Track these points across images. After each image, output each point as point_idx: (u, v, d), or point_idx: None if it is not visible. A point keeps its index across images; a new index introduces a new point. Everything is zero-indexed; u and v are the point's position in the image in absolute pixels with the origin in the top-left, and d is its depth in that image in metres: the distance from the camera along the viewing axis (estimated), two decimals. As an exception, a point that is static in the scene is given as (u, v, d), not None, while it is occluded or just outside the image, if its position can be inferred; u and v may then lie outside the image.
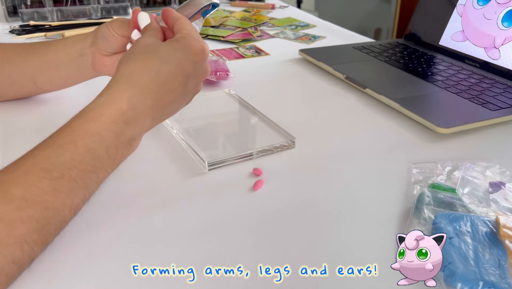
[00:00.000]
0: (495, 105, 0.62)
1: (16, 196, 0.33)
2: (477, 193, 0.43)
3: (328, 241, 0.39)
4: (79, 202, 0.38)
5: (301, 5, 2.65)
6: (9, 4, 1.03)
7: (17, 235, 0.32)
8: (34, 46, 0.57)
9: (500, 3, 0.74)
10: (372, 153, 0.53)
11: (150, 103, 0.41)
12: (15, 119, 0.58)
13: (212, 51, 0.90)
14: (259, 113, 0.60)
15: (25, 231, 0.33)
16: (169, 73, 0.42)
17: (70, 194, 0.36)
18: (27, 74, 0.57)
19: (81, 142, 0.37)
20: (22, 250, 0.33)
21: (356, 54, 0.84)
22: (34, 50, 0.57)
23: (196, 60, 0.43)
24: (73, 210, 0.37)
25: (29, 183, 0.34)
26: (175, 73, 0.42)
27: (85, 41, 0.54)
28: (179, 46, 0.43)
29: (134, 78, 0.41)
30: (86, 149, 0.37)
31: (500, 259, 0.35)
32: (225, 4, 1.34)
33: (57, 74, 0.58)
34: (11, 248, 0.32)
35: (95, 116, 0.38)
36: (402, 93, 0.67)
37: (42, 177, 0.35)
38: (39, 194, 0.34)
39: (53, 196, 0.35)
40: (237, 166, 0.49)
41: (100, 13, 1.11)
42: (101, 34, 0.52)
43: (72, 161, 0.36)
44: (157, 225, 0.40)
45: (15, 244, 0.32)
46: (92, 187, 0.39)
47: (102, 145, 0.38)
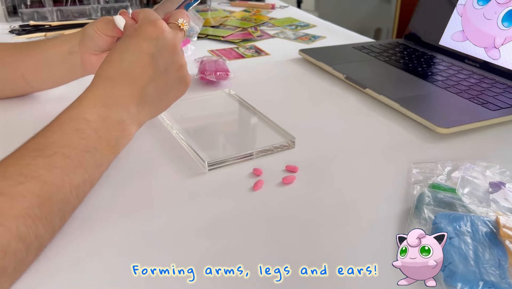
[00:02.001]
0: (495, 105, 0.62)
1: (13, 173, 0.35)
2: (477, 193, 0.43)
3: (328, 241, 0.39)
4: (79, 182, 0.38)
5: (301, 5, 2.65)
6: (9, 4, 1.03)
7: (19, 208, 0.33)
8: (25, 46, 0.58)
9: (500, 3, 0.74)
10: (372, 153, 0.53)
11: (125, 88, 0.43)
12: (15, 119, 0.59)
13: (212, 51, 0.90)
14: (259, 113, 0.60)
15: (27, 205, 0.34)
16: (132, 57, 0.43)
17: (67, 171, 0.37)
18: (19, 74, 0.58)
19: (67, 125, 0.40)
20: (26, 226, 0.33)
21: (356, 54, 0.84)
22: (24, 51, 0.57)
23: (152, 37, 0.44)
24: (74, 191, 0.38)
25: (24, 162, 0.36)
26: (137, 56, 0.43)
27: (73, 40, 0.55)
28: (134, 33, 0.45)
29: (103, 71, 0.44)
30: (73, 129, 0.39)
31: (500, 259, 0.35)
32: (225, 4, 1.34)
33: (49, 74, 0.59)
34: (14, 222, 0.32)
35: (75, 105, 0.41)
36: (402, 93, 0.67)
37: (35, 155, 0.36)
38: (35, 169, 0.35)
39: (49, 171, 0.36)
40: (237, 166, 0.49)
41: (100, 13, 1.11)
42: (88, 34, 0.53)
43: (62, 141, 0.38)
44: (157, 225, 0.40)
45: (18, 217, 0.33)
46: (91, 168, 0.40)
47: (88, 126, 0.40)
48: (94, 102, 0.41)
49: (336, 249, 0.38)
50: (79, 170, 0.38)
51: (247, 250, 0.38)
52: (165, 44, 0.45)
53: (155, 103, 0.46)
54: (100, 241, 0.38)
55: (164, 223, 0.41)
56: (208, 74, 0.70)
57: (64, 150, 0.38)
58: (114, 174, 0.47)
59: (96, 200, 0.43)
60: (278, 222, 0.41)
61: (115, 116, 0.42)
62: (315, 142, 0.55)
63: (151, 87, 0.45)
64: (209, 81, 0.71)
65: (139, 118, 0.45)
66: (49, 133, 0.39)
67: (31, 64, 0.57)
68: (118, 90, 0.43)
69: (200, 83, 0.72)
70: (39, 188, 0.35)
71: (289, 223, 0.41)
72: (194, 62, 0.77)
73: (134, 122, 0.44)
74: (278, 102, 0.66)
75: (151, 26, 0.44)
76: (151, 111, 0.47)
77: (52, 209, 0.36)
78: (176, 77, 0.47)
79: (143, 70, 0.44)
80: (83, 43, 0.54)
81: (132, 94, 0.44)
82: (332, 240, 0.39)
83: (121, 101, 0.43)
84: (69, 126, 0.40)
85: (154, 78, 0.45)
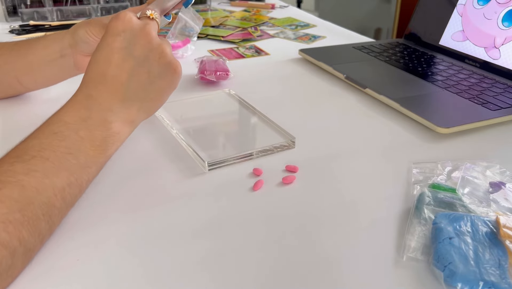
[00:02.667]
0: (495, 105, 0.62)
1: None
2: (477, 193, 0.43)
3: (328, 241, 0.39)
4: (64, 184, 0.37)
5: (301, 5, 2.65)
6: (9, 4, 1.03)
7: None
8: (16, 47, 0.57)
9: (500, 3, 0.74)
10: (372, 153, 0.53)
11: (104, 88, 0.42)
12: (14, 118, 0.59)
13: (212, 51, 0.90)
14: (259, 113, 0.60)
15: (5, 210, 0.33)
16: (104, 56, 0.42)
17: (48, 173, 0.36)
18: (12, 74, 0.58)
19: (46, 129, 0.39)
20: (8, 232, 0.32)
21: (356, 54, 0.84)
22: (16, 52, 0.57)
23: (119, 31, 0.42)
24: (59, 194, 0.37)
25: (2, 169, 0.35)
26: (108, 54, 0.42)
27: (63, 41, 0.54)
28: (104, 33, 0.44)
29: (84, 78, 0.43)
30: (52, 133, 0.39)
31: (500, 259, 0.35)
32: (225, 4, 1.34)
33: (41, 74, 0.58)
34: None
35: (55, 113, 0.41)
36: (402, 93, 0.67)
37: (13, 161, 0.36)
38: (12, 174, 0.35)
39: (28, 175, 0.35)
40: (237, 166, 0.49)
41: (100, 13, 1.11)
42: (81, 38, 0.52)
43: (41, 144, 0.38)
44: (157, 224, 0.40)
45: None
46: (76, 170, 0.39)
47: (67, 127, 0.39)
48: (73, 106, 0.41)
49: (336, 249, 0.38)
50: (61, 172, 0.37)
51: (247, 250, 0.38)
52: (135, 34, 0.43)
53: (144, 96, 0.44)
54: (100, 241, 0.38)
55: (164, 223, 0.41)
56: (208, 74, 0.70)
57: (43, 153, 0.37)
58: (114, 173, 0.47)
59: (96, 200, 0.43)
60: (278, 222, 0.41)
61: (97, 116, 0.41)
62: (315, 142, 0.55)
63: (133, 80, 0.43)
64: (209, 81, 0.71)
65: (129, 115, 0.44)
66: (29, 139, 0.38)
67: (23, 66, 0.57)
68: (97, 91, 0.42)
69: (200, 83, 0.72)
70: (18, 193, 0.34)
71: (289, 223, 0.41)
72: (194, 62, 0.77)
73: (122, 120, 0.43)
74: (278, 102, 0.66)
75: (115, 20, 0.43)
76: (143, 106, 0.45)
77: (35, 213, 0.35)
78: (159, 65, 0.44)
79: (118, 65, 0.42)
80: (75, 46, 0.54)
81: (112, 92, 0.42)
82: (332, 240, 0.39)
83: (101, 102, 0.42)
84: (48, 130, 0.39)
85: (133, 71, 0.43)
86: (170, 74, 0.45)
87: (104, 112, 0.42)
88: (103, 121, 0.41)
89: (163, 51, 0.44)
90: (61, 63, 0.56)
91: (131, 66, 0.43)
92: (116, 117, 0.43)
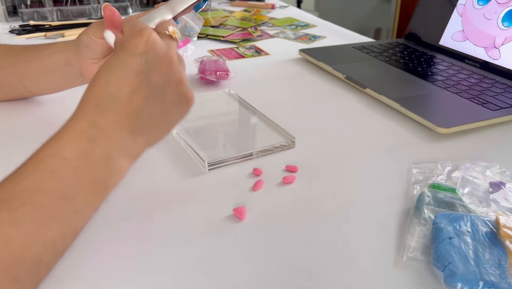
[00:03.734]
0: (495, 105, 0.62)
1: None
2: (477, 193, 0.43)
3: (328, 241, 0.39)
4: (56, 237, 0.32)
5: (301, 5, 2.65)
6: (9, 4, 1.03)
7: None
8: (24, 51, 0.57)
9: (500, 3, 0.74)
10: (372, 153, 0.53)
11: (114, 116, 0.36)
12: (15, 120, 0.59)
13: (212, 51, 0.90)
14: (259, 113, 0.60)
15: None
16: (119, 78, 0.36)
17: (39, 225, 0.31)
18: (17, 78, 0.57)
19: (42, 166, 0.33)
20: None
21: (356, 54, 0.84)
22: (23, 56, 0.56)
23: (141, 51, 0.36)
24: (50, 248, 0.32)
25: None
26: (124, 76, 0.36)
27: (68, 50, 0.53)
28: (120, 48, 0.37)
29: (87, 97, 0.37)
30: (48, 171, 0.33)
31: (500, 259, 0.35)
32: (225, 4, 1.34)
33: (46, 81, 0.58)
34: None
35: (53, 140, 0.35)
36: (402, 93, 0.67)
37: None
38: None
39: (14, 228, 0.30)
40: (237, 166, 0.49)
41: (100, 13, 1.11)
42: (83, 43, 0.50)
43: (34, 186, 0.32)
44: (156, 225, 0.40)
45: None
46: (70, 218, 0.34)
47: (66, 165, 0.34)
48: (75, 136, 0.35)
49: (336, 249, 0.38)
50: (54, 222, 0.32)
51: (247, 250, 0.38)
52: (158, 57, 0.37)
53: (153, 129, 0.39)
54: (99, 241, 0.38)
55: (164, 223, 0.41)
56: (208, 74, 0.70)
57: (35, 198, 0.31)
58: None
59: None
60: (278, 222, 0.41)
61: (100, 150, 0.35)
62: (315, 142, 0.55)
63: (146, 110, 0.37)
64: (209, 81, 0.71)
65: (134, 150, 0.38)
66: (20, 178, 0.32)
67: (29, 71, 0.56)
68: (105, 118, 0.36)
69: (200, 83, 0.72)
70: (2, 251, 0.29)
71: (289, 223, 0.41)
72: (194, 62, 0.77)
73: (126, 156, 0.37)
74: (278, 102, 0.66)
75: (138, 38, 0.37)
76: (148, 139, 0.39)
77: (18, 274, 0.30)
78: (175, 95, 0.39)
79: (133, 91, 0.36)
80: (79, 53, 0.51)
81: (121, 121, 0.36)
82: (332, 240, 0.39)
83: (108, 132, 0.36)
84: (44, 167, 0.33)
85: (148, 100, 0.37)
86: (183, 105, 0.40)
87: (110, 147, 0.36)
88: (107, 158, 0.36)
89: (181, 79, 0.39)
90: (66, 71, 0.54)
91: (147, 94, 0.37)
92: (121, 153, 0.37)
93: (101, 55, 0.51)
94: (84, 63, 0.51)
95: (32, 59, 0.56)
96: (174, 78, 0.38)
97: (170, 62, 0.38)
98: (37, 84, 0.59)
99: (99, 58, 0.51)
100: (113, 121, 0.36)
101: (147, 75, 0.37)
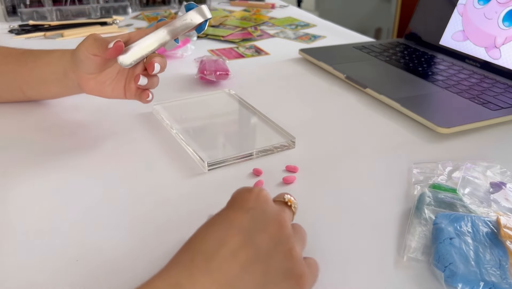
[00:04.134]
0: (496, 105, 0.62)
1: None
2: (478, 193, 0.43)
3: (328, 241, 0.39)
4: None
5: (301, 5, 2.65)
6: (8, 3, 1.03)
7: None
8: (23, 57, 0.57)
9: (500, 3, 0.74)
10: (372, 153, 0.53)
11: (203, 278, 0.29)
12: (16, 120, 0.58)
13: (212, 50, 0.90)
14: (259, 113, 0.60)
15: None
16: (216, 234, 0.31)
17: None
18: (16, 84, 0.58)
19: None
20: None
21: (356, 54, 0.84)
22: (23, 63, 0.56)
23: (248, 206, 0.32)
24: None
25: None
26: (225, 230, 0.31)
27: (66, 61, 0.53)
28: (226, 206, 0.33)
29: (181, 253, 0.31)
30: None
31: (501, 259, 0.35)
32: (225, 4, 1.33)
33: (46, 90, 0.58)
34: None
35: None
36: (403, 93, 0.67)
37: None
38: None
39: None
40: (237, 166, 0.49)
41: (99, 12, 1.11)
42: (78, 58, 0.49)
43: None
44: (157, 225, 0.40)
45: None
46: None
47: None
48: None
49: (336, 249, 0.38)
50: None
51: (247, 251, 0.38)
52: (266, 216, 0.31)
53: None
54: (100, 241, 0.38)
55: (164, 223, 0.40)
56: (208, 74, 0.70)
57: None
58: (114, 174, 0.47)
59: (95, 200, 0.43)
60: (278, 222, 0.41)
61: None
62: (315, 142, 0.55)
63: (243, 279, 0.29)
64: (209, 81, 0.71)
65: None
66: None
67: (28, 80, 0.57)
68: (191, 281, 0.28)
69: (200, 83, 0.71)
70: None
71: (289, 223, 0.41)
72: (194, 62, 0.77)
73: None
74: (278, 102, 0.66)
75: (247, 193, 0.33)
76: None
77: None
78: (281, 267, 0.30)
79: (233, 252, 0.30)
80: (75, 68, 0.51)
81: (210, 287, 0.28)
82: (332, 240, 0.39)
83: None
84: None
85: (249, 266, 0.30)
86: (290, 285, 0.31)
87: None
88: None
89: (292, 249, 0.31)
90: (65, 82, 0.55)
91: (248, 258, 0.30)
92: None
93: (97, 71, 0.51)
94: (81, 78, 0.52)
95: (31, 68, 0.56)
96: (283, 248, 0.31)
97: (281, 226, 0.32)
98: (37, 91, 0.59)
99: (95, 73, 0.51)
100: (200, 286, 0.29)
101: (251, 235, 0.31)
